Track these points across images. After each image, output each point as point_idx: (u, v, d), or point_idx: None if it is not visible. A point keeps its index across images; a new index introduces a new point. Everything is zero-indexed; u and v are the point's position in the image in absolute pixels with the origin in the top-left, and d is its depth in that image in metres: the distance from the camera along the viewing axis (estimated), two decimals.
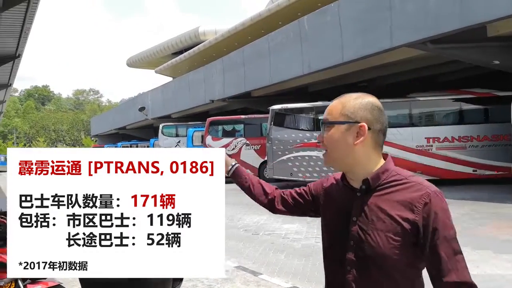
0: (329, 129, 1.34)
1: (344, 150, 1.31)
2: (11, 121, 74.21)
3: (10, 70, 17.96)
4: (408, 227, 1.22)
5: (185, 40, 39.39)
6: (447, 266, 1.20)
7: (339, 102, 1.37)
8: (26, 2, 10.24)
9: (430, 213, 1.22)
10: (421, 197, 1.23)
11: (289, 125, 14.36)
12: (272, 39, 17.35)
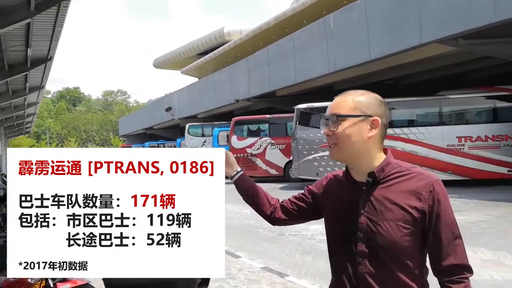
0: (341, 123, 1.35)
1: (357, 143, 1.35)
2: (44, 122, 76.85)
3: (42, 72, 18.57)
4: (417, 215, 1.30)
5: (210, 41, 39.70)
6: (447, 249, 1.30)
7: (349, 97, 1.39)
8: (57, 6, 10.54)
9: (434, 200, 1.30)
10: (426, 186, 1.31)
11: (315, 124, 14.19)
12: (297, 38, 17.22)
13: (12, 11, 10.32)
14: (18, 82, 19.76)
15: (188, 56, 44.05)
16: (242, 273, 5.06)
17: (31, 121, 42.41)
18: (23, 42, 13.27)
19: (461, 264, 1.31)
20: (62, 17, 11.58)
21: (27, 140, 64.10)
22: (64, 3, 10.46)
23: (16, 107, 28.48)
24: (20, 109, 29.23)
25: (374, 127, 1.35)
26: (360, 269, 1.33)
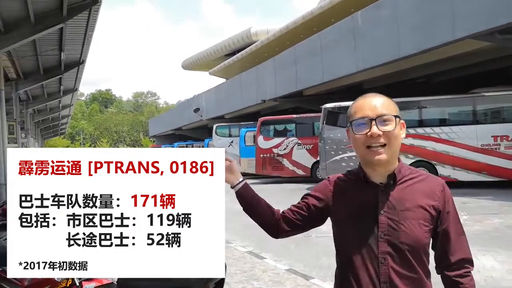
0: (389, 124, 1.40)
1: (399, 143, 1.44)
2: (78, 123, 79.45)
3: (75, 75, 19.18)
4: (434, 213, 1.39)
5: (237, 41, 39.85)
6: (456, 245, 1.41)
7: (388, 100, 1.46)
8: (88, 11, 10.83)
9: (445, 199, 1.41)
10: (438, 187, 1.42)
11: (343, 124, 13.96)
12: (324, 37, 17.00)
13: (46, 16, 10.69)
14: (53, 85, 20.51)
15: (215, 57, 44.41)
16: (267, 275, 5.01)
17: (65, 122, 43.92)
18: (57, 47, 13.75)
19: (467, 258, 1.42)
20: (93, 22, 11.90)
21: (63, 141, 66.41)
22: (95, 8, 10.74)
23: (52, 109, 29.58)
24: (55, 111, 30.33)
25: (402, 128, 1.45)
26: (383, 268, 1.36)
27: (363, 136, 1.40)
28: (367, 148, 1.40)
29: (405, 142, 13.05)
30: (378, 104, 1.41)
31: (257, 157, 18.22)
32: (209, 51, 45.87)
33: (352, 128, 1.44)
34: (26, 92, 20.30)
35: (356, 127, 1.42)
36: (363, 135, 1.40)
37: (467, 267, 1.41)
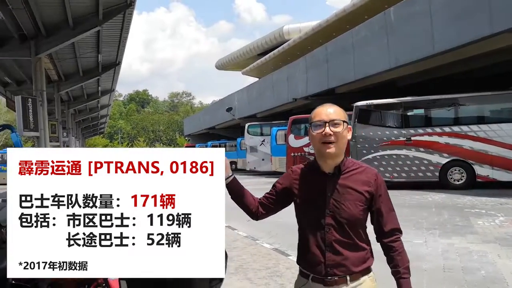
0: (338, 127, 1.80)
1: (346, 142, 1.83)
2: (116, 122, 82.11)
3: (112, 76, 19.90)
4: (368, 196, 1.83)
5: (270, 41, 39.89)
6: (387, 218, 1.85)
7: (338, 108, 1.86)
8: (122, 14, 11.23)
9: (378, 185, 1.84)
10: (373, 176, 1.85)
11: (375, 122, 13.71)
12: (356, 34, 16.74)
13: (83, 20, 11.18)
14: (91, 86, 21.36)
15: (248, 56, 44.65)
16: (290, 272, 5.02)
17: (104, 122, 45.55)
18: (94, 49, 14.33)
19: (396, 227, 1.86)
20: (127, 24, 12.32)
21: (102, 140, 68.87)
22: (129, 10, 11.13)
23: (91, 109, 30.79)
24: (94, 111, 31.55)
25: (349, 132, 1.85)
26: (328, 237, 1.80)
27: (319, 134, 1.80)
28: (322, 143, 1.79)
29: (440, 141, 12.67)
30: (331, 112, 1.82)
31: (288, 155, 18.19)
32: (242, 51, 46.18)
33: (311, 128, 1.84)
34: (67, 93, 21.26)
35: (314, 128, 1.82)
36: (319, 133, 1.80)
37: (396, 234, 1.85)
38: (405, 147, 12.96)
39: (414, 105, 13.30)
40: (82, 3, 10.43)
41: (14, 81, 18.21)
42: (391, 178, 13.15)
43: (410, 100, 13.14)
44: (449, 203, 9.95)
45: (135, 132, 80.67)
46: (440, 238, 6.50)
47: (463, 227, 7.24)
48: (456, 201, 10.19)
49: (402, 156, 12.96)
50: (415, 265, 5.21)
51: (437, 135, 12.67)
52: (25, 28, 11.37)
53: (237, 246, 6.60)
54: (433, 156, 12.61)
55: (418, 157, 12.80)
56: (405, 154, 12.93)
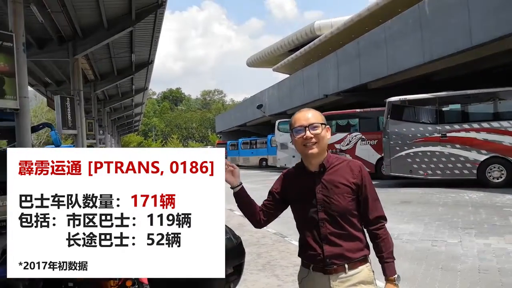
0: (317, 129, 1.92)
1: (326, 142, 1.96)
2: (150, 120, 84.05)
3: (145, 75, 20.38)
4: (354, 187, 1.92)
5: (301, 37, 39.54)
6: (371, 207, 1.95)
7: (317, 112, 1.98)
8: (154, 14, 11.47)
9: (362, 176, 1.94)
10: (356, 168, 1.95)
11: (409, 118, 13.35)
12: (389, 28, 16.33)
13: (117, 21, 11.51)
14: (125, 85, 21.97)
15: (279, 53, 44.45)
16: None
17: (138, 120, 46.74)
18: (128, 49, 14.72)
19: (381, 215, 1.97)
20: (159, 24, 12.57)
21: (136, 137, 70.72)
22: (160, 10, 11.35)
23: (126, 108, 31.67)
24: (129, 109, 32.44)
25: (327, 131, 1.97)
26: (322, 230, 1.90)
27: (301, 138, 1.92)
28: (304, 146, 1.92)
29: (478, 137, 12.17)
30: (309, 116, 1.94)
31: None
32: (273, 47, 46.03)
33: (293, 133, 1.96)
34: (103, 92, 21.97)
35: (295, 133, 1.95)
36: (301, 137, 1.92)
37: (381, 222, 1.96)
38: (440, 143, 12.54)
39: (450, 100, 12.84)
40: (115, 4, 10.73)
41: (54, 81, 18.99)
42: (425, 176, 12.79)
43: (445, 95, 12.70)
44: (487, 202, 9.56)
45: (169, 129, 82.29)
46: (476, 238, 6.26)
47: (502, 227, 6.94)
48: (494, 199, 9.78)
49: (437, 153, 12.56)
50: (449, 265, 5.05)
51: (474, 131, 12.18)
52: (63, 30, 11.84)
53: (265, 242, 6.62)
54: (470, 153, 12.13)
55: (454, 154, 12.36)
56: (440, 150, 12.52)
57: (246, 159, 33.64)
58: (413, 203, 10.08)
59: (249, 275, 4.95)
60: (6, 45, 6.21)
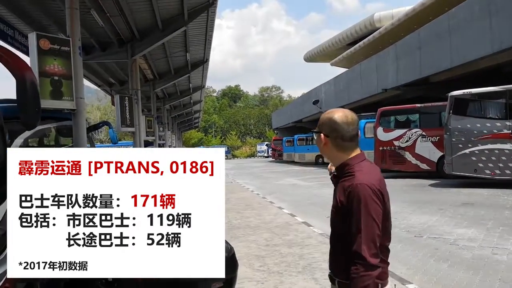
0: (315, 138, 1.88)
1: (321, 150, 1.86)
2: (210, 117, 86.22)
3: (201, 73, 20.86)
4: (340, 206, 1.72)
5: (360, 30, 38.34)
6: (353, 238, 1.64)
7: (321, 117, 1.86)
8: (206, 13, 11.66)
9: (349, 198, 1.68)
10: (349, 186, 1.70)
11: (473, 113, 12.39)
12: (453, 16, 15.24)
13: (171, 22, 11.86)
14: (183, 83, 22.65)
15: (337, 47, 43.44)
16: None
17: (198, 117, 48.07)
18: (183, 48, 15.13)
19: (356, 251, 1.62)
20: (211, 22, 12.77)
21: (197, 133, 72.91)
22: (211, 9, 11.51)
23: (185, 105, 32.71)
24: (188, 107, 33.46)
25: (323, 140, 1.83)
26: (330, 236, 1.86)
27: None
28: None
29: None
30: None
31: (376, 150, 17.33)
32: (331, 41, 45.10)
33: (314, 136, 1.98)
34: (162, 90, 22.83)
35: None
36: None
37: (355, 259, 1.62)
38: (510, 140, 11.49)
39: None
40: (168, 6, 11.05)
41: (117, 81, 20.07)
42: (492, 175, 11.81)
43: None
44: None
45: (227, 126, 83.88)
46: None
47: None
48: None
49: (506, 151, 11.52)
50: (509, 277, 4.59)
51: None
52: (122, 33, 12.42)
53: (310, 243, 6.47)
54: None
55: None
56: (510, 148, 11.47)
57: (301, 155, 33.33)
58: (476, 205, 9.33)
59: (287, 276, 4.85)
60: (63, 49, 6.60)
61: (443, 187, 13.15)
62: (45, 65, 6.31)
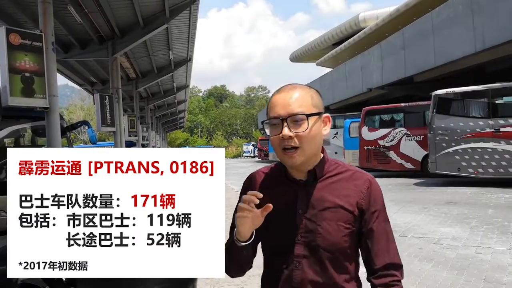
0: (303, 123, 1.23)
1: (320, 142, 1.29)
2: (196, 117, 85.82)
3: (185, 72, 20.59)
4: (356, 212, 1.26)
5: (345, 29, 38.52)
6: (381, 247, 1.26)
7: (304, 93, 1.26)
8: (188, 10, 11.44)
9: (371, 197, 1.28)
10: (364, 183, 1.29)
11: (457, 112, 12.45)
12: (437, 16, 15.32)
13: (152, 19, 11.61)
14: (167, 82, 22.34)
15: (323, 47, 43.60)
16: None
17: (183, 116, 47.69)
18: (165, 46, 14.86)
19: (395, 262, 1.27)
20: (194, 20, 12.56)
21: (182, 134, 72.41)
22: (194, 6, 11.29)
23: (169, 105, 32.34)
24: (172, 107, 33.10)
25: (325, 124, 1.30)
26: (297, 274, 1.26)
27: (276, 138, 1.25)
28: (283, 150, 1.25)
29: None
30: (291, 100, 1.23)
31: (361, 149, 17.37)
32: (316, 41, 45.26)
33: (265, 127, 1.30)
34: (145, 89, 22.47)
35: (268, 128, 1.28)
36: (276, 137, 1.25)
37: (393, 274, 1.25)
38: (492, 139, 11.56)
39: (505, 92, 11.78)
40: (149, 2, 10.81)
41: (99, 80, 19.67)
42: (475, 174, 11.87)
43: (500, 86, 11.67)
44: None
45: (213, 126, 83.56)
46: None
47: None
48: None
49: (489, 149, 11.59)
50: (493, 276, 4.52)
51: None
52: (102, 30, 12.12)
53: None
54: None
55: (509, 151, 11.35)
56: (493, 147, 11.54)
57: None
58: (460, 203, 9.33)
59: None
60: (35, 44, 6.33)
61: (427, 186, 13.19)
62: (15, 61, 6.04)
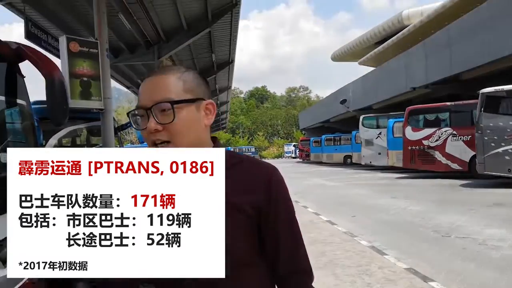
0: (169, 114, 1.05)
1: (198, 134, 1.10)
2: (237, 118, 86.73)
3: (227, 74, 21.03)
4: (252, 212, 1.04)
5: (388, 27, 37.69)
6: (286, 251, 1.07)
7: (172, 77, 1.06)
8: (230, 14, 11.77)
9: (272, 191, 1.05)
10: (263, 176, 1.07)
11: (506, 111, 11.95)
12: (485, 11, 14.76)
13: (195, 23, 12.05)
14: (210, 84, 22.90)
15: (365, 46, 42.86)
16: (381, 271, 4.70)
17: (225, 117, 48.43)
18: (208, 49, 15.31)
19: (301, 269, 1.08)
20: (235, 23, 12.87)
21: (225, 134, 73.49)
22: (235, 10, 11.60)
23: None
24: None
25: (210, 111, 1.10)
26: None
27: (145, 131, 1.08)
28: (155, 146, 1.13)
29: None
30: (157, 86, 1.05)
31: (405, 149, 17.01)
32: (358, 40, 44.55)
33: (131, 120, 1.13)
34: None
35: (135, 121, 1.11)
36: (145, 130, 1.08)
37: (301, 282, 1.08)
38: None
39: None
40: (192, 8, 11.22)
41: None
42: None
43: None
44: None
45: (255, 126, 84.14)
46: None
47: None
48: None
49: None
50: None
51: None
52: (149, 35, 12.72)
53: (333, 241, 6.43)
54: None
55: None
56: None
57: (329, 156, 33.03)
58: (509, 205, 9.01)
59: None
60: (92, 51, 6.83)
61: (474, 187, 12.75)
62: (75, 67, 6.55)
